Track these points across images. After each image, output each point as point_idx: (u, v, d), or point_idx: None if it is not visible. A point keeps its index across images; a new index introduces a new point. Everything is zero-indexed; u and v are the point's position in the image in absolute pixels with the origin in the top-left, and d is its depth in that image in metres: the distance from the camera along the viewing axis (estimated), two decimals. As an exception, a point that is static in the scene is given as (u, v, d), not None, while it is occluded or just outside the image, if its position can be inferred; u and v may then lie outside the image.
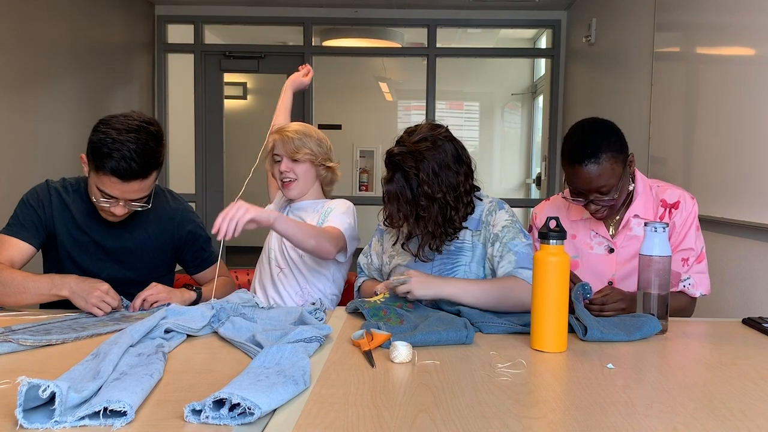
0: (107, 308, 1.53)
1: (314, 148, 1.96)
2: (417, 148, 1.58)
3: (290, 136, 1.94)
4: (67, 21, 3.91)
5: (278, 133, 1.97)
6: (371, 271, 1.86)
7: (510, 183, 7.08)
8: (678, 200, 1.72)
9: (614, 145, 1.61)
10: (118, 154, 1.54)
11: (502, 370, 1.14)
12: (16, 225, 1.71)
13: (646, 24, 3.34)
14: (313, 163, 1.97)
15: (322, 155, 1.98)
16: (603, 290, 1.59)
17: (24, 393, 0.84)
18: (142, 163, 1.57)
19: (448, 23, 5.25)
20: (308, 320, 1.40)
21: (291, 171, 1.95)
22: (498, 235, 1.64)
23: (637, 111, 3.39)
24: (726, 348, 1.33)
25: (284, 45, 5.86)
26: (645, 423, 0.90)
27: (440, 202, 1.58)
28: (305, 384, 1.02)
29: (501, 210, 1.68)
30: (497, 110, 7.25)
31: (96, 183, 1.60)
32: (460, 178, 1.62)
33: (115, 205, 1.63)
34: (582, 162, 1.59)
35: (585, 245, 1.78)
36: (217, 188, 5.35)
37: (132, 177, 1.57)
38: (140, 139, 1.56)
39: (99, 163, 1.56)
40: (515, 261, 1.59)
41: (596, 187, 1.62)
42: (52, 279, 1.57)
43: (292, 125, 2.00)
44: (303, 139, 1.94)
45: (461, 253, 1.67)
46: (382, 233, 1.83)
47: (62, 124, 3.83)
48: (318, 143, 1.98)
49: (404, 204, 1.59)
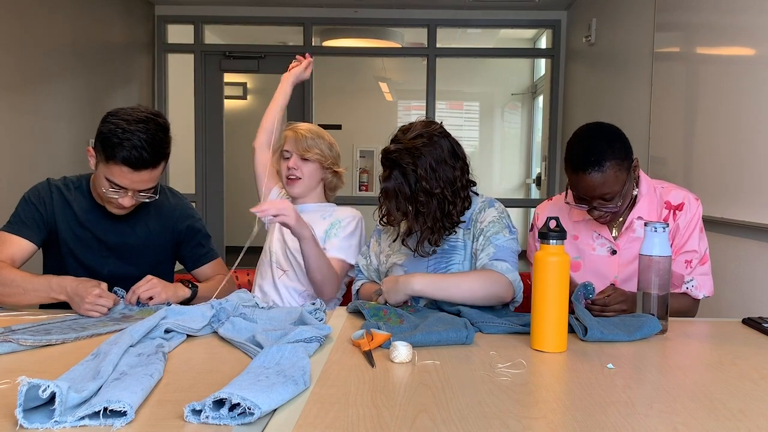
0: (103, 310, 1.53)
1: (324, 150, 1.99)
2: (413, 145, 1.59)
3: (303, 134, 1.97)
4: (67, 21, 3.91)
5: (292, 131, 2.00)
6: (370, 272, 1.86)
7: (510, 183, 7.08)
8: (682, 202, 1.71)
9: (618, 152, 1.59)
10: (129, 143, 1.56)
11: (502, 370, 1.14)
12: (17, 222, 1.71)
13: (646, 24, 3.34)
14: (321, 164, 1.99)
15: (331, 159, 2.01)
16: (605, 290, 1.58)
17: (24, 393, 0.84)
18: (152, 152, 1.59)
19: (448, 23, 5.25)
20: (308, 320, 1.40)
21: (298, 169, 1.97)
22: (483, 230, 1.65)
23: (637, 111, 3.39)
24: (726, 348, 1.33)
25: (284, 45, 5.86)
26: (645, 423, 0.90)
27: (438, 197, 1.59)
28: (305, 384, 1.02)
29: (491, 208, 1.69)
30: (497, 110, 7.25)
31: (105, 174, 1.61)
32: (457, 172, 1.63)
33: (123, 196, 1.64)
34: (585, 170, 1.58)
35: (587, 246, 1.77)
36: (217, 188, 5.35)
37: (143, 166, 1.59)
38: (150, 129, 1.59)
39: (109, 153, 1.58)
40: (493, 253, 1.60)
41: (600, 195, 1.61)
42: (50, 282, 1.57)
43: (304, 124, 2.04)
44: (315, 140, 1.97)
45: (455, 251, 1.68)
46: (380, 233, 1.84)
47: (62, 124, 3.83)
48: (329, 146, 2.01)
49: (403, 201, 1.60)
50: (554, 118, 5.19)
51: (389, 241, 1.79)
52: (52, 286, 1.55)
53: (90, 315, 1.51)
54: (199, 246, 1.89)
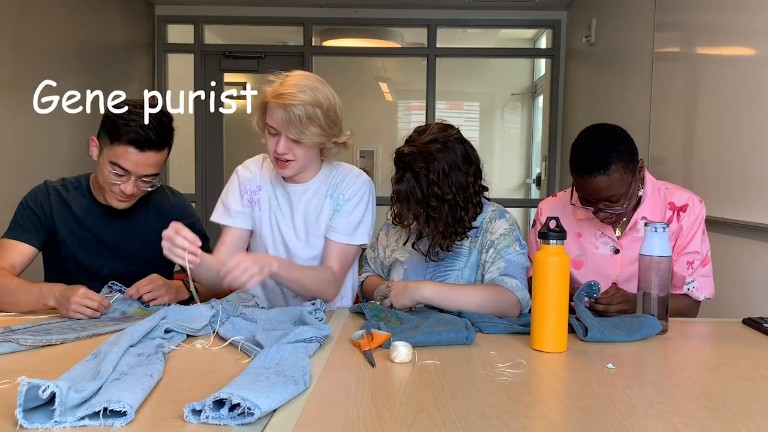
0: (88, 312, 1.49)
1: (324, 126, 1.56)
2: (428, 149, 1.57)
3: (295, 113, 1.50)
4: (67, 21, 3.91)
5: (278, 99, 1.52)
6: (377, 266, 1.86)
7: (510, 183, 7.07)
8: (686, 203, 1.71)
9: (624, 155, 1.59)
10: (135, 123, 1.60)
11: (502, 370, 1.14)
12: (16, 228, 1.73)
13: (646, 24, 3.34)
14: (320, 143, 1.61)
15: (333, 133, 1.60)
16: (608, 290, 1.58)
17: (24, 393, 0.84)
18: (158, 133, 1.63)
19: (448, 23, 5.25)
20: (308, 320, 1.40)
21: (290, 152, 1.58)
22: (494, 242, 1.64)
23: (637, 111, 3.39)
24: (726, 348, 1.33)
25: (284, 45, 5.86)
26: (645, 423, 0.90)
27: (450, 202, 1.58)
28: (305, 384, 1.02)
29: (502, 219, 1.68)
30: (497, 110, 7.24)
31: (109, 157, 1.63)
32: (470, 178, 1.62)
33: (125, 182, 1.65)
34: (591, 173, 1.57)
35: (590, 245, 1.77)
36: (217, 188, 5.31)
37: (148, 147, 1.62)
38: (154, 113, 1.63)
39: (115, 135, 1.61)
40: (503, 268, 1.59)
41: (605, 197, 1.61)
42: (41, 289, 1.56)
43: (293, 86, 1.52)
44: (311, 117, 1.52)
45: (457, 258, 1.68)
46: (389, 227, 1.84)
47: (62, 124, 3.83)
48: (329, 118, 1.56)
49: (414, 204, 1.59)
50: (554, 118, 5.19)
51: (396, 237, 1.79)
52: (43, 292, 1.55)
53: (76, 317, 1.48)
54: None
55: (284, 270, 1.53)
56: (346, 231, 1.68)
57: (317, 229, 1.71)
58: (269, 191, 1.74)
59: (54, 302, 1.54)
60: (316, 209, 1.71)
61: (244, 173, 1.77)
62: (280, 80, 1.57)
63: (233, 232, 1.72)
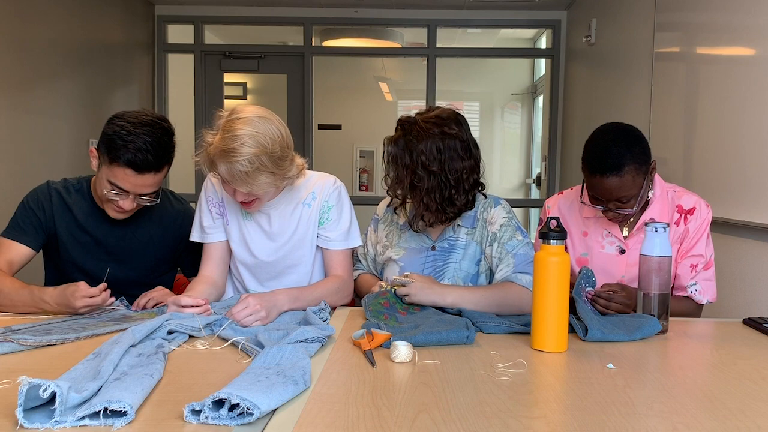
0: (97, 301, 1.48)
1: (274, 170, 1.53)
2: (425, 127, 1.59)
3: (240, 170, 1.46)
4: (67, 21, 3.91)
5: (221, 157, 1.47)
6: (368, 261, 1.87)
7: (510, 183, 7.07)
8: (694, 207, 1.71)
9: (638, 156, 1.58)
10: (133, 145, 1.55)
11: (502, 369, 1.14)
12: (15, 228, 1.72)
13: (646, 24, 3.34)
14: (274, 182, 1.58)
15: (283, 170, 1.56)
16: (612, 286, 1.57)
17: (24, 393, 0.84)
18: (156, 155, 1.58)
19: (448, 23, 5.25)
20: (312, 320, 1.40)
21: (249, 195, 1.56)
22: (496, 235, 1.64)
23: (637, 111, 3.39)
24: (726, 348, 1.33)
25: (284, 45, 5.86)
26: (645, 423, 0.90)
27: (439, 177, 1.58)
28: (305, 384, 1.02)
29: (497, 206, 1.69)
30: (497, 110, 7.24)
31: (108, 176, 1.60)
32: (465, 164, 1.61)
33: (124, 199, 1.63)
34: (603, 173, 1.57)
35: (596, 244, 1.77)
36: (217, 188, 5.34)
37: (146, 169, 1.58)
38: (155, 133, 1.59)
39: (113, 156, 1.57)
40: (515, 265, 1.60)
41: (617, 197, 1.61)
42: (32, 294, 1.54)
43: (234, 138, 1.46)
44: (258, 168, 1.48)
45: (453, 250, 1.68)
46: (377, 222, 1.84)
47: (62, 124, 3.83)
48: (275, 158, 1.51)
49: (402, 168, 1.60)
50: (554, 118, 5.19)
51: (386, 232, 1.79)
52: (34, 297, 1.54)
53: (85, 311, 1.49)
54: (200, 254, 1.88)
55: (295, 303, 1.57)
56: (341, 238, 1.72)
57: (288, 238, 1.70)
58: (234, 203, 1.68)
59: (52, 307, 1.52)
60: (284, 217, 1.70)
61: (207, 186, 1.76)
62: (221, 133, 1.50)
63: (213, 247, 1.75)
